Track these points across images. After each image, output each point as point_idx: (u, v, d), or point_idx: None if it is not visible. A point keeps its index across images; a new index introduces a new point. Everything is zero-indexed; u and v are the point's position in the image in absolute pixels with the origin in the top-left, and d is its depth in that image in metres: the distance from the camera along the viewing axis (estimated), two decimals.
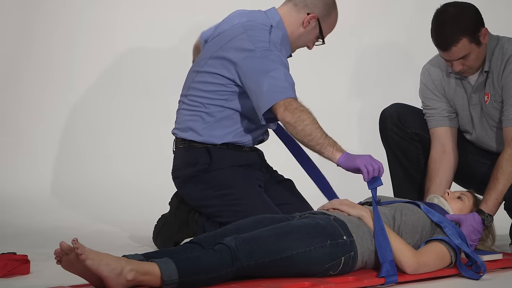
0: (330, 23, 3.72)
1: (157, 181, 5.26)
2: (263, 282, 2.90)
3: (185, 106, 3.70)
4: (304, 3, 3.68)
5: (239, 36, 3.57)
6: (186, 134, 3.66)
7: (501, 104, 3.68)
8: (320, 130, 3.39)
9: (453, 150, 3.81)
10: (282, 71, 3.46)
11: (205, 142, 3.62)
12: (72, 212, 4.90)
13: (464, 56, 3.55)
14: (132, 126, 5.58)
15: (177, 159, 3.74)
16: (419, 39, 3.97)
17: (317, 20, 3.67)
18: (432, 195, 3.56)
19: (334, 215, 3.14)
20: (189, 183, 3.67)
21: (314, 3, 3.67)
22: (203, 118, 3.62)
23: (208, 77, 3.61)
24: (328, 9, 3.69)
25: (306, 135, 3.39)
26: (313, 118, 3.42)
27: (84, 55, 5.57)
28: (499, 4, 5.44)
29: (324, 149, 3.37)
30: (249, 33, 3.57)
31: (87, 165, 5.43)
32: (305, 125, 3.38)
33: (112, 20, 5.59)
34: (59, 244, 2.72)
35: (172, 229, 3.82)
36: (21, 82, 5.51)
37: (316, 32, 3.69)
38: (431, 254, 3.13)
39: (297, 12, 3.68)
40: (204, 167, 3.62)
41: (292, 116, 3.38)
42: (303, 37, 3.71)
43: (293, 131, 3.42)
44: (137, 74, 5.61)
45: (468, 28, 3.52)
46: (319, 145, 3.37)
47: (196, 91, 3.66)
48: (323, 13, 3.68)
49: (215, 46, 3.64)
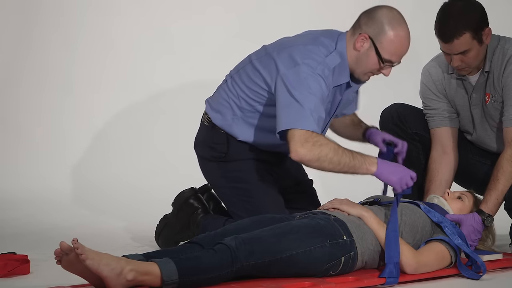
0: (388, 42, 3.36)
1: (157, 182, 5.27)
2: (263, 282, 2.90)
3: (225, 87, 3.62)
4: (358, 23, 3.42)
5: (299, 46, 3.42)
6: (214, 115, 3.62)
7: (502, 105, 3.68)
8: (346, 154, 3.26)
9: (454, 151, 3.81)
10: (313, 101, 3.28)
11: (227, 131, 3.59)
12: (72, 212, 4.90)
13: (464, 52, 3.54)
14: (132, 126, 5.57)
15: (200, 134, 3.73)
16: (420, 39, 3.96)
17: (371, 40, 3.37)
18: (432, 195, 3.56)
19: (334, 215, 3.14)
20: (206, 163, 3.68)
21: (367, 23, 3.38)
22: (233, 109, 3.57)
23: (254, 73, 3.51)
24: (382, 26, 3.35)
25: (335, 166, 3.26)
26: (333, 147, 3.25)
27: (82, 57, 5.57)
28: (499, 4, 5.43)
29: (358, 170, 3.28)
30: (308, 47, 3.40)
31: (87, 166, 5.43)
32: (330, 158, 3.24)
33: (110, 23, 5.59)
34: (59, 244, 2.72)
35: (174, 230, 3.83)
36: (20, 83, 5.51)
37: (374, 54, 3.38)
38: (431, 254, 3.13)
39: (353, 35, 3.42)
40: (221, 155, 3.61)
41: (312, 153, 3.22)
42: (362, 61, 3.41)
43: (320, 167, 3.27)
44: (136, 76, 5.60)
45: (473, 23, 3.52)
46: (352, 169, 3.28)
47: (240, 79, 3.56)
48: (375, 31, 3.36)
49: (279, 46, 3.51)
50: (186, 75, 5.59)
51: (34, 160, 5.41)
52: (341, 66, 3.43)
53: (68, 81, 5.55)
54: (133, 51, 5.61)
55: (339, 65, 3.42)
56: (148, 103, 5.60)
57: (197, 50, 5.63)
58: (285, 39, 3.57)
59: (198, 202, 3.83)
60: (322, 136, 3.29)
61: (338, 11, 5.58)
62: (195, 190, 3.88)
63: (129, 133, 5.56)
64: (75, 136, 5.50)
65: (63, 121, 5.52)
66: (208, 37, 5.66)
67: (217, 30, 5.66)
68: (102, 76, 5.58)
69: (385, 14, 3.37)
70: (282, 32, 3.83)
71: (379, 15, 3.37)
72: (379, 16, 3.37)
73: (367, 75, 3.47)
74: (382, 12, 3.38)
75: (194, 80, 5.54)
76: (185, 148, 4.72)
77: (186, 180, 4.22)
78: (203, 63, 5.57)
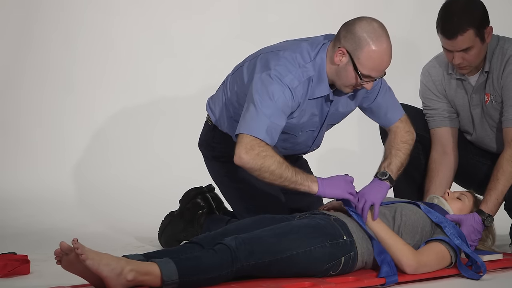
0: (366, 58, 3.20)
1: (157, 182, 5.27)
2: (263, 282, 2.90)
3: (223, 87, 3.61)
4: (338, 36, 3.27)
5: (278, 51, 3.36)
6: (212, 115, 3.63)
7: (501, 105, 3.68)
8: (289, 170, 3.20)
9: (454, 151, 3.81)
10: (271, 107, 3.21)
11: (227, 132, 3.59)
12: (72, 212, 4.90)
13: (467, 49, 3.54)
14: (132, 127, 5.57)
15: (203, 134, 3.74)
16: (420, 39, 3.97)
17: (349, 55, 3.22)
18: (432, 195, 3.56)
19: (334, 215, 3.15)
20: (210, 161, 3.70)
21: (345, 37, 3.22)
22: (228, 110, 3.56)
23: (242, 76, 3.48)
24: (359, 42, 3.19)
25: (277, 179, 3.21)
26: (277, 160, 3.19)
27: (82, 56, 5.56)
28: (499, 4, 5.43)
29: (300, 186, 3.22)
30: (285, 54, 3.32)
31: (87, 166, 5.43)
32: (272, 171, 3.19)
33: (110, 22, 5.58)
34: (59, 244, 2.72)
35: (178, 228, 3.85)
36: (20, 83, 5.50)
37: (352, 69, 3.24)
38: (431, 254, 3.13)
39: (333, 47, 3.29)
40: (223, 155, 3.61)
41: (254, 162, 3.17)
42: (341, 75, 3.28)
43: (260, 177, 3.22)
44: (136, 76, 5.60)
45: (476, 20, 3.52)
46: (293, 184, 3.22)
47: (233, 81, 3.55)
48: (352, 46, 3.20)
49: (266, 49, 3.48)
50: (186, 76, 5.58)
51: (34, 160, 5.41)
52: (318, 78, 3.33)
53: (69, 81, 5.55)
54: (134, 52, 5.61)
55: (316, 77, 3.33)
56: (149, 104, 5.59)
57: (197, 50, 5.62)
58: (277, 43, 3.53)
59: (205, 202, 3.86)
60: (269, 147, 3.22)
61: (339, 11, 5.58)
62: (203, 189, 3.89)
63: (129, 134, 5.55)
64: (75, 136, 5.50)
65: (63, 121, 5.52)
66: (208, 38, 5.65)
67: (218, 30, 5.66)
68: (103, 76, 5.58)
69: (364, 27, 3.21)
70: (282, 33, 3.84)
71: (357, 29, 3.21)
72: (357, 30, 3.20)
73: (349, 88, 3.34)
74: (360, 25, 3.21)
75: (194, 81, 5.54)
76: (185, 149, 4.73)
77: (186, 181, 4.23)
78: (203, 64, 5.56)
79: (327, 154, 4.96)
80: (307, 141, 3.56)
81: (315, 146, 3.64)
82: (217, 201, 3.91)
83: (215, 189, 3.91)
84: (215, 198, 3.92)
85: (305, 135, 3.50)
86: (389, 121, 3.57)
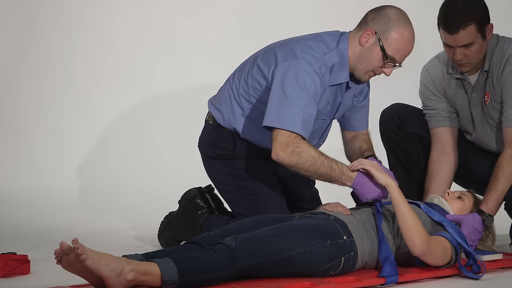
0: (394, 39, 3.36)
1: (157, 182, 5.27)
2: (263, 282, 2.90)
3: (227, 85, 3.62)
4: (365, 20, 3.43)
5: (300, 41, 3.44)
6: (217, 114, 3.62)
7: (501, 104, 3.68)
8: (324, 166, 3.27)
9: (454, 151, 3.81)
10: (305, 98, 3.29)
11: (231, 130, 3.60)
12: (72, 212, 4.90)
13: (468, 45, 3.54)
14: (132, 126, 5.58)
15: (204, 133, 3.73)
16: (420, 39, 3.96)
17: (376, 36, 3.37)
18: (432, 195, 3.55)
19: (334, 215, 3.14)
20: (210, 161, 3.68)
21: (374, 19, 3.39)
22: (233, 108, 3.57)
23: (255, 70, 3.50)
24: (389, 23, 3.36)
25: (312, 174, 3.31)
26: (312, 156, 3.27)
27: (82, 55, 5.57)
28: (499, 4, 5.43)
29: (335, 182, 3.31)
30: (308, 43, 3.41)
31: (87, 166, 5.43)
32: (307, 167, 3.27)
33: (110, 21, 5.59)
34: (59, 244, 2.72)
35: (177, 228, 3.84)
36: (20, 83, 5.51)
37: (379, 50, 3.37)
38: (438, 244, 3.13)
39: (358, 31, 3.43)
40: (227, 153, 3.61)
41: (290, 159, 3.26)
42: (365, 57, 3.40)
43: (297, 172, 3.33)
44: (136, 75, 5.61)
45: (478, 16, 3.53)
46: (328, 179, 3.31)
47: (241, 77, 3.56)
48: (382, 27, 3.36)
49: (283, 41, 3.53)
50: (187, 76, 5.59)
51: (34, 160, 5.41)
52: (340, 65, 3.43)
53: (69, 80, 5.55)
54: (134, 51, 5.61)
55: (338, 64, 3.43)
56: (149, 104, 5.60)
57: (197, 51, 5.63)
58: (289, 38, 3.58)
59: (204, 202, 3.85)
60: (304, 142, 3.29)
61: (339, 12, 5.58)
62: (202, 189, 3.89)
63: (130, 133, 5.56)
64: (75, 136, 5.50)
65: (63, 120, 5.52)
66: (209, 38, 5.66)
67: (218, 30, 5.66)
68: (103, 75, 5.58)
69: (393, 12, 3.40)
70: (283, 33, 3.83)
71: (387, 12, 3.40)
72: (388, 13, 3.40)
73: (368, 74, 3.45)
74: (390, 10, 3.42)
75: (194, 81, 5.54)
76: (186, 148, 4.73)
77: (186, 181, 4.23)
78: (204, 64, 5.57)
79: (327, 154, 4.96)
80: (318, 132, 3.60)
81: (321, 141, 3.68)
82: (216, 202, 3.91)
83: (214, 190, 3.90)
84: (214, 198, 3.91)
85: (317, 124, 3.54)
86: (360, 126, 3.71)
